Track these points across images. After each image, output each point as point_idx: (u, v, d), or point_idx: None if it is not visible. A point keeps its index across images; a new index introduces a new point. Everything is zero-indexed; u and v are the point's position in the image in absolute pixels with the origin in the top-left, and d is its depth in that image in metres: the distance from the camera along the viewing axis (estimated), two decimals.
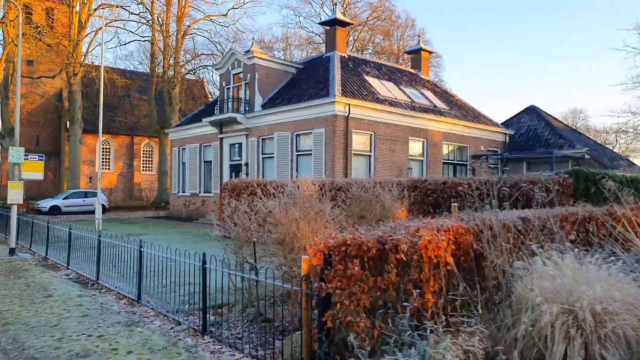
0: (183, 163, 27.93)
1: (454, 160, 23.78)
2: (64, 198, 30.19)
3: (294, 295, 5.61)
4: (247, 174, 22.74)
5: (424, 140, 22.00)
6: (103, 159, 44.77)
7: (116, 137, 45.21)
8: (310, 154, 19.62)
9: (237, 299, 6.82)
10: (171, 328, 6.00)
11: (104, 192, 34.17)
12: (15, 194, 12.05)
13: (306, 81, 22.08)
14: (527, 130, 27.47)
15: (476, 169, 24.55)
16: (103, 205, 32.00)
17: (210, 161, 25.39)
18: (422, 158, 22.05)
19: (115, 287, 8.21)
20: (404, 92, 23.05)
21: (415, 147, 21.86)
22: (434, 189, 9.64)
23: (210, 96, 50.74)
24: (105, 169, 44.67)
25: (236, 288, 6.88)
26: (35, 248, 13.23)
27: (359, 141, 19.55)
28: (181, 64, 38.01)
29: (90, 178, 44.36)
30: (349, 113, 18.87)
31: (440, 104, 24.30)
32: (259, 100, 22.63)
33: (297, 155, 20.41)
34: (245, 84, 23.39)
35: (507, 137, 26.96)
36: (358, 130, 19.35)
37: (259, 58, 22.70)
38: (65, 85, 42.72)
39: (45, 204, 29.56)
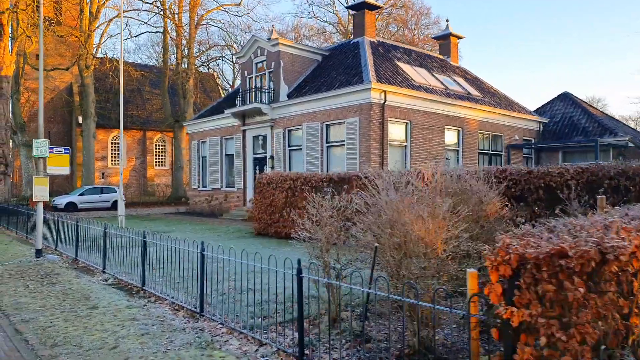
0: (203, 157, 26.91)
1: (489, 150, 22.60)
2: (80, 194, 29.29)
3: (409, 311, 4.51)
4: (272, 167, 21.69)
5: (460, 129, 20.84)
6: (115, 154, 43.88)
7: (128, 131, 44.15)
8: (343, 145, 18.51)
9: (316, 310, 5.79)
10: (256, 350, 4.95)
11: (117, 187, 33.23)
12: (40, 190, 11.04)
13: (335, 68, 20.93)
14: (562, 118, 26.21)
15: (511, 159, 23.44)
16: None
17: (233, 154, 24.34)
18: (457, 148, 20.90)
19: (168, 296, 7.17)
20: (436, 78, 21.86)
21: (451, 136, 20.70)
22: (516, 179, 8.54)
23: (222, 90, 49.66)
24: (116, 164, 43.76)
25: (320, 298, 5.85)
26: (63, 248, 12.28)
27: (394, 131, 18.42)
28: (195, 55, 36.85)
29: (102, 174, 43.50)
30: (385, 100, 17.74)
31: (473, 91, 23.09)
32: (284, 89, 21.52)
33: (328, 146, 19.32)
34: (269, 72, 22.27)
35: (541, 126, 25.72)
36: (394, 118, 18.22)
37: (284, 45, 21.56)
38: (76, 79, 41.86)
39: (61, 200, 28.67)
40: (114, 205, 30.63)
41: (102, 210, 28.83)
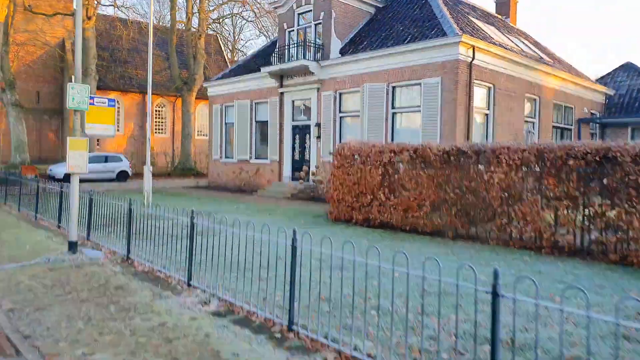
0: (227, 123, 23.64)
1: (560, 124, 19.89)
2: None
3: None
4: (318, 137, 18.65)
5: (537, 97, 18.02)
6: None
7: (126, 94, 40.16)
8: (417, 111, 15.55)
9: None
10: None
11: (123, 156, 29.77)
12: (77, 158, 7.90)
13: (398, 20, 17.75)
14: (629, 90, 23.60)
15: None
16: (126, 172, 27.81)
17: (266, 121, 21.15)
18: (533, 120, 18.11)
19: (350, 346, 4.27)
20: (508, 39, 18.88)
21: (528, 106, 17.89)
22: None
23: (231, 53, 45.71)
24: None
25: None
26: (97, 238, 9.20)
27: (477, 96, 15.51)
28: (208, 10, 32.99)
29: (97, 140, 39.66)
30: (473, 58, 14.76)
31: (544, 56, 20.21)
32: (336, 44, 18.31)
33: (394, 113, 16.33)
34: (316, 24, 18.99)
35: (606, 98, 23.07)
36: (478, 81, 15.29)
37: None
38: (69, 35, 37.63)
39: (59, 169, 25.14)
40: (120, 177, 27.36)
41: (107, 182, 25.48)
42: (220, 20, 37.72)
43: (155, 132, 42.78)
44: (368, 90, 16.70)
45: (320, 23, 18.75)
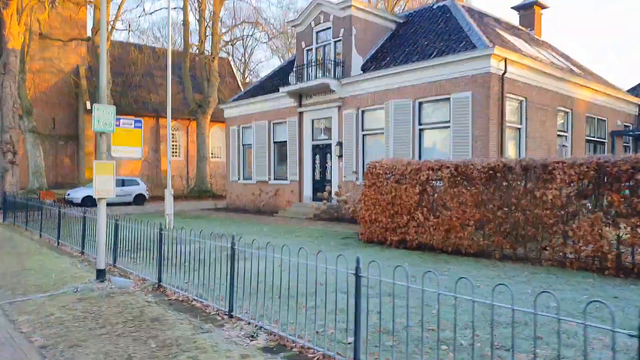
0: (244, 145, 23.19)
1: (593, 137, 19.11)
2: None
3: None
4: (340, 156, 18.06)
5: (570, 110, 17.31)
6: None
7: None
8: (446, 127, 14.90)
9: None
10: None
11: (140, 179, 29.40)
12: (104, 182, 7.36)
13: (421, 35, 17.28)
14: None
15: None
16: (143, 195, 27.42)
17: (285, 141, 20.64)
18: (566, 133, 17.37)
19: None
20: (537, 51, 18.31)
21: (561, 119, 17.19)
22: None
23: (242, 75, 45.74)
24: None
25: None
26: (125, 264, 8.63)
27: (509, 110, 14.87)
28: (221, 33, 32.99)
29: None
30: (505, 71, 14.16)
31: (574, 68, 19.59)
32: (357, 61, 17.86)
33: (421, 129, 15.71)
34: (336, 42, 18.59)
35: (639, 110, 22.29)
36: (510, 94, 14.67)
37: (357, 9, 17.86)
38: (83, 61, 37.90)
39: (77, 194, 24.84)
40: (137, 200, 26.96)
41: (124, 206, 25.06)
42: (233, 42, 37.71)
43: (171, 156, 42.57)
44: (393, 106, 16.14)
45: (340, 40, 18.34)
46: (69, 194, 24.95)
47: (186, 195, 32.09)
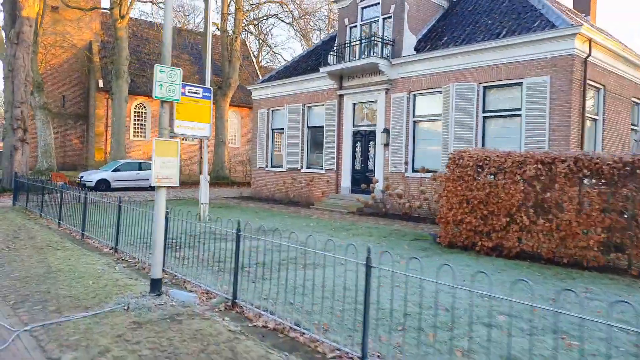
0: (273, 129, 21.61)
1: None
2: (114, 170, 23.80)
3: None
4: (386, 144, 16.50)
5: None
6: (138, 124, 38.22)
7: (153, 100, 38.43)
8: (517, 115, 13.32)
9: None
10: None
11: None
12: (166, 166, 5.86)
13: (482, 14, 15.62)
14: None
15: None
16: None
17: (321, 127, 19.06)
18: (636, 127, 15.81)
19: None
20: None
21: (633, 111, 15.60)
22: None
23: (253, 58, 43.87)
24: (140, 136, 38.24)
25: None
26: (173, 268, 7.10)
27: (588, 98, 13.28)
28: (243, 11, 31.18)
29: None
30: (590, 54, 12.55)
31: None
32: (409, 40, 16.22)
33: (485, 117, 14.13)
34: (384, 19, 16.93)
35: None
36: (590, 81, 13.07)
37: None
38: (96, 38, 36.13)
39: (91, 177, 23.27)
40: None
41: (141, 191, 23.53)
42: (255, 22, 35.87)
43: (184, 140, 40.96)
44: (455, 90, 14.53)
45: (389, 17, 16.69)
46: (82, 177, 23.42)
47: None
